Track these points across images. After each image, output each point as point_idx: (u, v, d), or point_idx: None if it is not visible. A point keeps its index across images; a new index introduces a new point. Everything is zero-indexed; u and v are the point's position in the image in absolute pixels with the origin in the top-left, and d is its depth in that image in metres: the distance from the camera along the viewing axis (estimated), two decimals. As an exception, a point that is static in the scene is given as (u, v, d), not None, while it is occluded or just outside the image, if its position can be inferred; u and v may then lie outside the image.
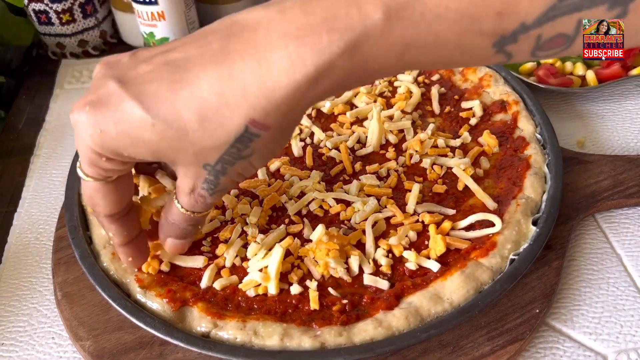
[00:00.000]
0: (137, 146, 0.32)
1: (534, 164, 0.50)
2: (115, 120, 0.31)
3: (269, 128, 0.31)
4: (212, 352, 0.39)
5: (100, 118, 0.31)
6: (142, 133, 0.31)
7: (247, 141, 0.31)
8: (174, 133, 0.30)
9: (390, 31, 0.28)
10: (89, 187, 0.36)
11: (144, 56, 0.32)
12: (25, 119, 0.67)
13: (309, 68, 0.29)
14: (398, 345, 0.39)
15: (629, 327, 0.43)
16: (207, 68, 0.30)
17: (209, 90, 0.30)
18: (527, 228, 0.45)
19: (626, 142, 0.58)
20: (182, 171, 0.34)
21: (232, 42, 0.30)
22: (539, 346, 0.42)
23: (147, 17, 0.66)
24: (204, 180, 0.34)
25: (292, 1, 0.29)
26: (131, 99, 0.30)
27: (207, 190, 0.35)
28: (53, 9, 0.70)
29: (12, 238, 0.53)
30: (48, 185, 0.58)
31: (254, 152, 0.32)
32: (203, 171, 0.33)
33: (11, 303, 0.47)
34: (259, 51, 0.29)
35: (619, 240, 0.49)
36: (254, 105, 0.30)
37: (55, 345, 0.44)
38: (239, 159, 0.32)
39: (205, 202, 0.36)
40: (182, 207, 0.37)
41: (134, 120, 0.30)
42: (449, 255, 0.44)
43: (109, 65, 0.33)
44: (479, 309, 0.40)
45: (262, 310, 0.42)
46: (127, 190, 0.38)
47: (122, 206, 0.38)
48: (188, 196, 0.36)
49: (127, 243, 0.40)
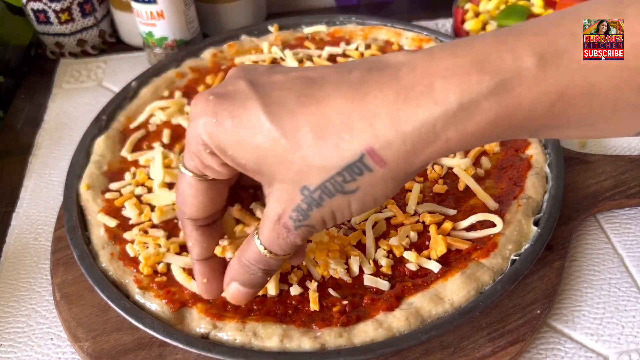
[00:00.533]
0: (244, 147, 0.31)
1: (535, 164, 0.50)
2: (234, 114, 0.30)
3: (384, 164, 0.29)
4: (212, 353, 0.39)
5: (219, 108, 0.31)
6: (255, 135, 0.30)
7: (356, 172, 0.29)
8: (286, 144, 0.29)
9: (544, 78, 0.27)
10: (184, 182, 0.35)
11: (282, 70, 0.32)
12: (23, 119, 0.67)
13: (451, 104, 0.27)
14: (398, 347, 0.39)
15: (631, 327, 0.43)
16: (341, 89, 0.29)
17: (336, 110, 0.29)
18: (528, 228, 0.45)
19: (628, 142, 0.58)
20: (276, 193, 0.32)
21: (373, 74, 0.29)
22: (540, 347, 0.42)
23: (146, 16, 0.66)
24: (296, 207, 0.31)
25: (439, 47, 0.29)
26: (256, 100, 0.30)
27: (293, 222, 0.32)
28: (52, 8, 0.70)
29: (11, 238, 0.52)
30: (46, 186, 0.57)
31: (358, 190, 0.30)
32: (299, 195, 0.31)
33: (9, 304, 0.47)
34: (399, 85, 0.28)
35: (620, 240, 0.49)
36: (378, 133, 0.28)
37: (53, 346, 0.44)
38: (340, 192, 0.30)
39: (287, 239, 0.33)
40: (261, 243, 0.34)
41: (252, 121, 0.30)
42: (450, 256, 0.44)
43: (244, 69, 0.33)
44: (480, 310, 0.40)
45: (261, 311, 0.41)
46: (219, 197, 0.36)
47: (209, 212, 0.36)
48: (272, 227, 0.33)
49: (204, 259, 0.38)
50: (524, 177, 0.49)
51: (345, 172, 0.29)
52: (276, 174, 0.31)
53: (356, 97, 0.29)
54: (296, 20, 0.70)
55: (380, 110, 0.28)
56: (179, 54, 0.66)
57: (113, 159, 0.55)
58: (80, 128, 0.58)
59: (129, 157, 0.54)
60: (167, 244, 0.46)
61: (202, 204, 0.35)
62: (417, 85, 0.28)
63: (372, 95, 0.28)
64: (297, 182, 0.30)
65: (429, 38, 0.65)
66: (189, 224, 0.37)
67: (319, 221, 0.32)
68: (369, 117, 0.28)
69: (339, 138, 0.29)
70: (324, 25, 0.69)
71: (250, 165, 0.31)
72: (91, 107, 0.64)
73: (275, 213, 0.32)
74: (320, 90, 0.30)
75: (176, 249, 0.46)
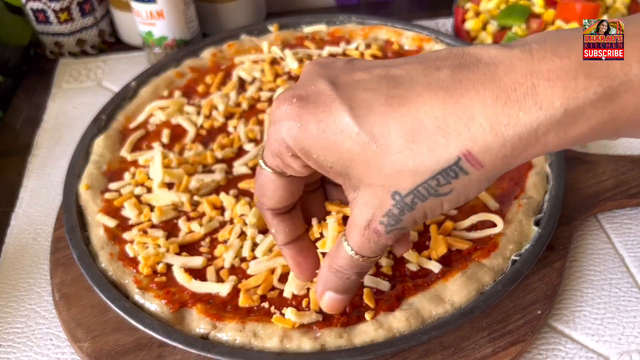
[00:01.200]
0: (331, 152, 0.30)
1: (536, 164, 0.50)
2: (320, 119, 0.30)
3: (481, 167, 0.28)
4: (211, 354, 0.39)
5: (304, 113, 0.30)
6: (343, 140, 0.29)
7: (451, 176, 0.28)
8: (376, 149, 0.29)
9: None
10: (263, 177, 0.35)
11: (362, 65, 0.31)
12: (22, 119, 0.66)
13: (557, 110, 0.26)
14: (399, 347, 0.39)
15: (632, 328, 0.43)
16: (432, 89, 0.28)
17: (429, 113, 0.28)
18: (529, 228, 0.45)
19: (629, 142, 0.58)
20: (363, 197, 0.31)
21: (465, 72, 0.28)
22: (541, 347, 0.42)
23: (146, 16, 0.66)
24: (386, 213, 0.30)
25: (536, 44, 0.28)
26: (342, 103, 0.29)
27: (384, 226, 0.31)
28: (51, 7, 0.70)
29: (10, 239, 0.52)
30: (46, 186, 0.57)
31: (452, 192, 0.29)
32: (389, 201, 0.30)
33: (9, 304, 0.47)
34: (498, 85, 0.27)
35: (621, 240, 0.49)
36: (476, 137, 0.27)
37: (53, 347, 0.44)
38: (433, 195, 0.29)
39: (378, 242, 0.32)
40: (351, 249, 0.33)
41: (339, 125, 0.29)
42: (451, 256, 0.44)
43: (321, 64, 0.32)
44: (481, 310, 0.40)
45: (261, 311, 0.41)
46: (297, 190, 0.36)
47: (287, 203, 0.37)
48: (362, 232, 0.32)
49: (289, 242, 0.39)
50: (525, 176, 0.49)
51: (439, 176, 0.28)
52: (364, 179, 0.30)
53: (449, 99, 0.28)
54: (296, 20, 0.70)
55: (477, 113, 0.27)
56: (178, 53, 0.66)
57: (112, 158, 0.54)
58: (79, 128, 0.58)
59: (128, 157, 0.54)
60: (167, 244, 0.46)
61: (282, 197, 0.36)
62: (518, 87, 0.27)
63: (467, 97, 0.27)
64: (387, 187, 0.30)
65: (429, 38, 0.65)
66: (268, 213, 0.37)
67: (410, 223, 0.31)
68: (465, 120, 0.27)
69: (433, 142, 0.28)
70: (324, 25, 0.69)
71: (336, 169, 0.31)
72: (90, 106, 0.64)
73: (365, 219, 0.31)
74: (409, 91, 0.29)
75: (176, 249, 0.46)
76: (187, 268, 0.44)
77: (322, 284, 0.37)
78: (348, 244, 0.33)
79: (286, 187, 0.35)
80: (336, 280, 0.35)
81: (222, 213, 0.49)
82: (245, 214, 0.48)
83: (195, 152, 0.54)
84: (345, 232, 0.33)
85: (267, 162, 0.34)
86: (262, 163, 0.35)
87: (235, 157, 0.54)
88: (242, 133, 0.56)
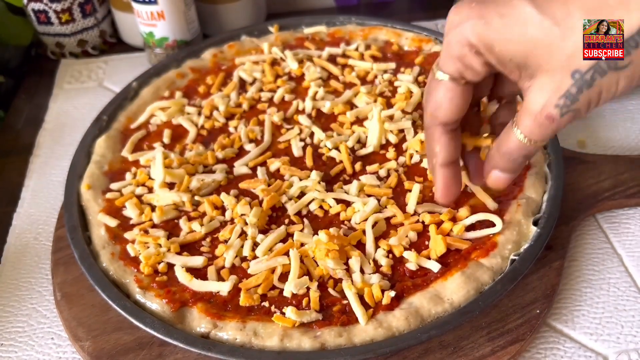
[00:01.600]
0: (514, 42, 0.33)
1: (535, 164, 0.50)
2: (502, 14, 0.33)
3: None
4: (212, 353, 0.39)
5: (487, 11, 0.33)
6: (527, 28, 0.32)
7: (632, 46, 0.30)
8: (559, 32, 0.31)
9: None
10: (440, 89, 0.38)
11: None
12: (24, 119, 0.67)
13: None
14: (398, 346, 0.39)
15: (630, 327, 0.43)
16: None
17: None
18: (527, 228, 0.45)
19: (627, 142, 0.58)
20: (539, 83, 0.34)
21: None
22: (540, 347, 0.42)
23: (147, 17, 0.66)
24: (564, 94, 0.33)
25: None
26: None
27: (560, 108, 0.33)
28: (52, 8, 0.70)
29: (12, 238, 0.53)
30: (47, 185, 0.58)
31: (630, 64, 0.31)
32: (569, 80, 0.32)
33: (10, 303, 0.47)
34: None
35: (619, 240, 0.49)
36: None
37: (54, 346, 0.44)
38: (613, 69, 0.31)
39: (551, 125, 0.34)
40: (521, 132, 0.36)
41: (522, 15, 0.32)
42: (450, 256, 0.44)
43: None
44: (480, 310, 0.40)
45: (261, 311, 0.41)
46: (467, 102, 0.39)
47: (460, 115, 0.39)
48: (534, 117, 0.34)
49: (448, 164, 0.41)
50: (524, 177, 0.49)
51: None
52: (542, 64, 0.33)
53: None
54: (296, 21, 0.70)
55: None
56: (179, 54, 0.66)
57: (114, 159, 0.55)
58: (81, 128, 0.58)
59: (129, 157, 0.55)
60: (168, 244, 0.46)
61: (457, 107, 0.38)
62: None
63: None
64: (567, 68, 0.32)
65: (429, 38, 0.65)
66: (438, 130, 0.40)
67: (585, 104, 0.33)
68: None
69: (615, 16, 0.30)
70: (324, 26, 0.69)
71: (516, 60, 0.33)
72: (92, 107, 0.65)
73: (539, 104, 0.34)
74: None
75: (177, 248, 0.46)
76: (188, 267, 0.44)
77: (490, 163, 0.40)
78: (518, 129, 0.36)
79: (461, 96, 0.38)
80: (504, 161, 0.39)
81: (222, 213, 0.49)
82: (246, 213, 0.48)
83: (196, 152, 0.54)
84: (516, 119, 0.36)
85: (444, 69, 0.37)
86: (440, 73, 0.37)
87: (235, 157, 0.55)
88: (242, 133, 0.56)
